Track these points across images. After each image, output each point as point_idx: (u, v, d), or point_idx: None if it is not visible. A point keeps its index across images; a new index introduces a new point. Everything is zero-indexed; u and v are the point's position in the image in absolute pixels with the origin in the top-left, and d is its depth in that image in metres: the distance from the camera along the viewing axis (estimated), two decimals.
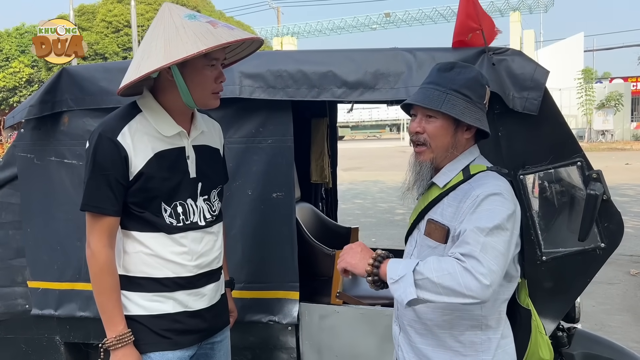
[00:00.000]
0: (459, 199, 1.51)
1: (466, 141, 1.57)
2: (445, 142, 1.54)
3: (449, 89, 1.51)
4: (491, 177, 1.52)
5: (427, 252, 1.57)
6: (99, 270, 1.60)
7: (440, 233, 1.53)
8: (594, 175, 2.00)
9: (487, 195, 1.44)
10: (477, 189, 1.48)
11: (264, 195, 2.26)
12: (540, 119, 2.01)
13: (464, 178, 1.54)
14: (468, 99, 1.51)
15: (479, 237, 1.36)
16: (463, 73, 1.55)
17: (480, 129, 1.55)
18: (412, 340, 1.61)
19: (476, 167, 1.56)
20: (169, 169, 1.64)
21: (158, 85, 1.64)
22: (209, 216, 1.73)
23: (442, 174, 1.59)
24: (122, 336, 1.60)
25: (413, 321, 1.60)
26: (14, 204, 2.51)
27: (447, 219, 1.52)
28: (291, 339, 2.31)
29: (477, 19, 2.02)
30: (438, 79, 1.55)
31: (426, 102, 1.53)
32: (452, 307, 1.52)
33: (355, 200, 10.74)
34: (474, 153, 1.60)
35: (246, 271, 2.28)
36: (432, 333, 1.56)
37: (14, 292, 2.54)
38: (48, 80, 2.39)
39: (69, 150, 2.40)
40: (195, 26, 1.50)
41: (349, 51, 2.23)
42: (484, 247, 1.35)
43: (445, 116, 1.51)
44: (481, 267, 1.32)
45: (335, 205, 3.69)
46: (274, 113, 2.23)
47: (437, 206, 1.57)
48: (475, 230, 1.37)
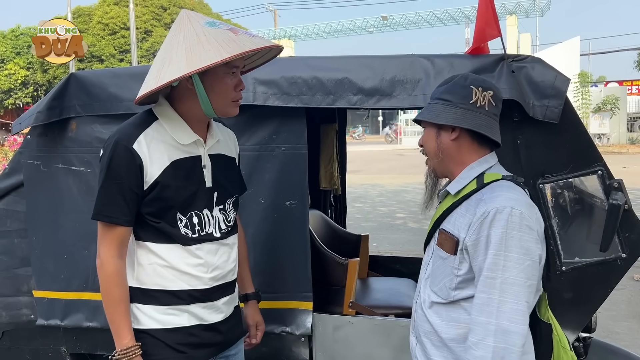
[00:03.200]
0: (470, 209, 1.50)
1: (456, 143, 1.55)
2: (432, 147, 1.59)
3: (433, 98, 1.60)
4: (504, 188, 1.49)
5: (439, 263, 1.56)
6: (107, 281, 1.56)
7: (450, 244, 1.51)
8: (615, 185, 1.97)
9: (495, 215, 1.42)
10: (487, 203, 1.45)
11: (277, 204, 2.22)
12: (560, 127, 1.97)
13: (477, 187, 1.52)
14: (447, 102, 1.55)
15: (494, 288, 1.39)
16: (450, 82, 1.59)
17: (490, 136, 1.54)
18: (428, 352, 1.58)
19: (491, 176, 1.53)
20: (185, 178, 1.60)
21: (176, 93, 1.60)
22: (224, 227, 1.69)
23: (455, 181, 1.58)
24: (127, 350, 1.56)
25: (429, 333, 1.58)
26: (19, 212, 2.46)
27: (458, 229, 1.50)
28: (304, 350, 2.26)
29: (497, 26, 1.99)
30: (432, 93, 1.64)
31: (415, 117, 1.65)
32: (466, 321, 1.49)
33: (355, 204, 10.71)
34: (490, 161, 1.57)
35: (258, 281, 2.23)
36: (447, 346, 1.53)
37: (19, 302, 2.49)
38: (56, 86, 2.35)
39: (77, 157, 2.35)
40: (216, 33, 1.47)
41: (365, 57, 2.19)
42: (502, 294, 1.38)
43: (428, 123, 1.59)
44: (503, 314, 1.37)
45: (344, 212, 3.65)
46: (288, 120, 2.19)
47: (451, 215, 1.56)
48: (487, 280, 1.41)
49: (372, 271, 3.29)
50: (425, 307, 1.59)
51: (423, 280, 1.65)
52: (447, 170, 1.61)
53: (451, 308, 1.53)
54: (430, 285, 1.60)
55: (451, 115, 1.52)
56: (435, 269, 1.58)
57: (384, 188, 13.36)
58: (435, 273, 1.58)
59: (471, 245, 1.45)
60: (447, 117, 1.53)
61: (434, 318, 1.56)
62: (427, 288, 1.61)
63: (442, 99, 1.56)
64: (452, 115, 1.52)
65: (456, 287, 1.51)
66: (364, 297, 2.79)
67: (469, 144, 1.56)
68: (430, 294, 1.58)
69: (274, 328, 2.24)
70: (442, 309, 1.55)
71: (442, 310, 1.55)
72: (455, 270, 1.50)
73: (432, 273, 1.60)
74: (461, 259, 1.49)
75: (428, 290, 1.60)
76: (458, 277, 1.50)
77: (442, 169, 1.61)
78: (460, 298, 1.51)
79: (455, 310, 1.52)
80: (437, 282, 1.57)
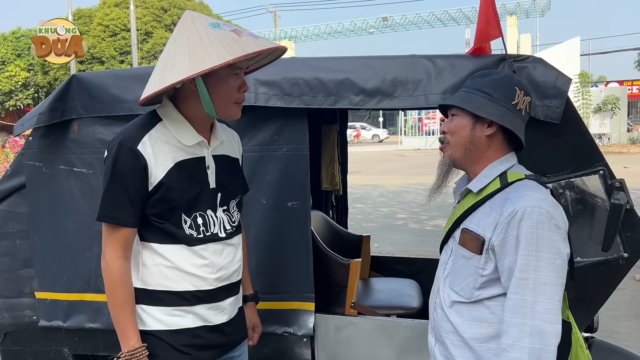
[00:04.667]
0: (495, 209, 1.48)
1: (488, 140, 1.54)
2: (463, 136, 1.55)
3: (473, 89, 1.57)
4: (530, 187, 1.48)
5: (461, 263, 1.54)
6: (112, 282, 1.56)
7: (475, 243, 1.49)
8: (617, 184, 1.98)
9: (523, 215, 1.41)
10: (514, 202, 1.44)
11: (279, 204, 2.22)
12: (562, 127, 1.98)
13: (501, 186, 1.51)
14: (489, 96, 1.53)
15: (527, 288, 1.38)
16: (491, 75, 1.58)
17: (514, 136, 1.53)
18: (449, 352, 1.57)
19: (514, 175, 1.53)
20: (189, 179, 1.60)
21: (180, 94, 1.61)
22: (229, 227, 1.69)
23: (477, 179, 1.56)
24: (134, 351, 1.55)
25: (450, 332, 1.56)
26: (21, 214, 2.46)
27: (483, 228, 1.49)
28: (306, 351, 2.26)
29: (498, 26, 1.99)
30: (469, 83, 1.61)
31: (447, 101, 1.61)
32: (490, 320, 1.48)
33: (356, 204, 10.71)
34: (511, 160, 1.58)
35: (261, 281, 2.23)
36: (468, 346, 1.52)
37: (21, 303, 2.49)
38: (57, 88, 2.35)
39: (79, 159, 2.35)
40: (219, 35, 1.47)
41: (366, 58, 2.20)
42: (535, 294, 1.37)
43: (465, 112, 1.55)
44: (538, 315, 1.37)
45: (345, 212, 3.65)
46: (290, 121, 2.20)
47: (473, 215, 1.54)
48: (519, 281, 1.39)
49: (374, 272, 3.29)
50: (446, 307, 1.58)
51: (442, 279, 1.63)
52: (469, 163, 1.58)
53: (474, 307, 1.51)
54: (450, 285, 1.58)
55: (494, 111, 1.51)
56: (456, 269, 1.56)
57: (385, 189, 13.35)
58: (457, 272, 1.56)
59: (498, 244, 1.44)
60: (489, 112, 1.51)
61: (455, 317, 1.54)
62: (447, 287, 1.59)
63: (483, 91, 1.54)
64: (495, 111, 1.51)
65: (480, 286, 1.49)
66: (365, 297, 2.79)
67: (499, 143, 1.56)
68: (451, 294, 1.57)
69: (276, 329, 2.24)
70: (464, 308, 1.53)
71: (464, 310, 1.53)
72: (480, 270, 1.49)
73: (453, 272, 1.58)
74: (487, 258, 1.47)
75: (448, 289, 1.59)
76: (483, 277, 1.49)
77: (465, 160, 1.58)
78: (484, 297, 1.49)
79: (478, 310, 1.51)
80: (458, 282, 1.55)
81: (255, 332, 1.96)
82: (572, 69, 26.79)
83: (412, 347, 2.16)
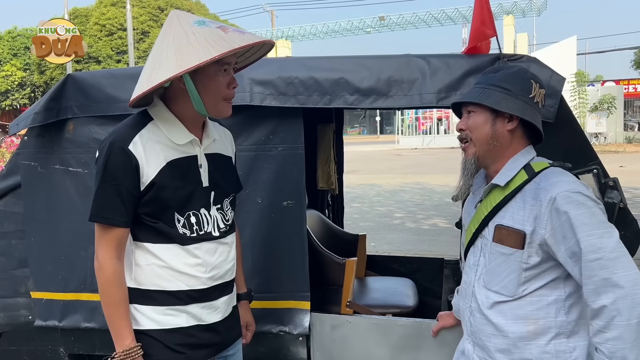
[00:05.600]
0: (529, 200, 1.47)
1: (510, 134, 1.54)
2: (484, 132, 1.54)
3: (488, 84, 1.56)
4: (558, 173, 1.49)
5: (500, 260, 1.52)
6: (105, 282, 1.56)
7: (515, 238, 1.48)
8: (611, 183, 1.98)
9: (565, 200, 1.40)
10: (549, 190, 1.44)
11: (274, 204, 2.22)
12: (556, 126, 1.98)
13: (529, 177, 1.50)
14: (506, 90, 1.53)
15: (603, 268, 1.35)
16: (505, 70, 1.58)
17: (531, 129, 1.54)
18: (492, 356, 1.55)
19: (538, 165, 1.53)
20: (182, 178, 1.60)
21: (169, 93, 1.61)
22: (222, 226, 1.69)
23: (502, 173, 1.55)
24: (129, 351, 1.55)
25: (493, 336, 1.54)
26: (17, 213, 2.46)
27: (520, 222, 1.48)
28: (302, 350, 2.27)
29: (492, 26, 2.00)
30: (481, 79, 1.60)
31: (463, 98, 1.60)
32: (535, 316, 1.48)
33: (353, 204, 10.71)
34: (531, 152, 1.58)
35: (256, 281, 2.24)
36: (515, 346, 1.51)
37: (16, 303, 2.49)
38: (53, 87, 2.34)
39: (74, 158, 2.35)
40: (205, 32, 1.47)
41: (361, 57, 2.20)
42: (613, 270, 1.34)
43: (484, 108, 1.54)
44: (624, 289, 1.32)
45: (341, 211, 3.66)
46: (285, 120, 2.20)
47: (505, 210, 1.52)
48: (591, 263, 1.36)
49: (370, 271, 3.30)
50: (485, 309, 1.55)
51: (475, 282, 1.60)
52: (492, 158, 1.57)
53: (517, 305, 1.50)
54: (487, 285, 1.55)
55: (513, 105, 1.51)
56: (493, 267, 1.54)
57: (382, 188, 13.37)
58: (495, 271, 1.53)
59: (550, 235, 1.42)
60: (509, 106, 1.51)
61: (498, 319, 1.52)
62: (483, 289, 1.56)
63: (500, 86, 1.53)
64: (514, 105, 1.51)
65: (525, 281, 1.48)
66: (361, 296, 2.80)
67: (520, 136, 1.57)
68: (490, 294, 1.54)
69: (272, 328, 2.24)
70: (506, 307, 1.51)
71: (506, 309, 1.51)
72: (523, 265, 1.47)
73: (489, 272, 1.55)
74: (530, 252, 1.46)
75: (485, 291, 1.56)
76: (527, 272, 1.48)
77: (489, 157, 1.57)
78: (529, 292, 1.49)
79: (522, 307, 1.50)
80: (498, 281, 1.53)
81: (249, 330, 1.96)
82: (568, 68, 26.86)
83: (408, 346, 2.16)
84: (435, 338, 2.09)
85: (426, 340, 2.12)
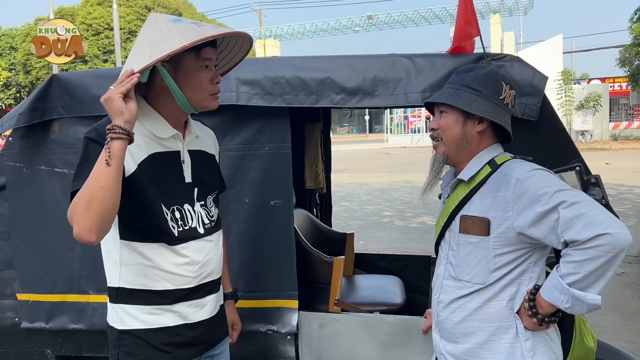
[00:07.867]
0: (493, 189, 1.52)
1: (480, 135, 1.58)
2: (455, 133, 1.58)
3: (460, 85, 1.59)
4: (520, 162, 1.54)
5: (468, 250, 1.55)
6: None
7: (480, 226, 1.52)
8: (593, 180, 2.02)
9: (528, 173, 1.46)
10: (511, 174, 1.49)
11: (262, 203, 2.23)
12: (539, 124, 2.01)
13: (492, 169, 1.54)
14: (478, 92, 1.56)
15: (577, 207, 1.35)
16: (476, 70, 1.61)
17: (501, 128, 1.57)
18: (456, 346, 1.61)
19: (501, 158, 1.57)
20: (164, 171, 1.59)
21: (151, 92, 1.61)
22: (207, 222, 1.69)
23: (467, 168, 1.60)
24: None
25: (457, 324, 1.60)
26: (2, 215, 2.44)
27: (483, 211, 1.52)
28: (290, 348, 2.28)
29: (476, 25, 2.02)
30: (454, 79, 1.63)
31: (435, 98, 1.63)
32: (500, 299, 1.53)
33: (342, 203, 10.74)
34: (498, 149, 1.62)
35: (244, 280, 2.24)
36: (476, 333, 1.56)
37: (2, 305, 2.47)
38: (38, 88, 2.33)
39: (60, 159, 2.34)
40: (179, 27, 1.48)
41: (347, 57, 2.21)
42: (578, 207, 1.34)
43: (455, 109, 1.58)
44: (600, 226, 1.31)
45: (329, 210, 3.67)
46: (271, 120, 2.20)
47: (470, 202, 1.56)
48: (563, 211, 1.35)
49: (358, 269, 3.32)
50: (451, 300, 1.60)
51: (443, 274, 1.64)
52: (461, 157, 1.61)
53: (487, 291, 1.53)
54: (458, 276, 1.59)
55: (484, 107, 1.55)
56: (463, 257, 1.57)
57: (371, 187, 13.40)
58: (465, 261, 1.57)
59: (520, 211, 1.44)
60: (480, 108, 1.55)
61: (463, 311, 1.57)
62: (452, 280, 1.61)
63: (471, 87, 1.56)
64: (485, 108, 1.55)
65: (495, 267, 1.51)
66: (349, 294, 2.81)
67: (489, 137, 1.61)
68: (458, 285, 1.58)
69: (260, 327, 2.25)
70: (475, 296, 1.55)
71: (474, 298, 1.55)
72: (492, 251, 1.51)
73: (459, 263, 1.58)
74: (497, 238, 1.49)
75: (453, 282, 1.60)
76: (497, 258, 1.51)
77: (457, 156, 1.61)
78: (499, 277, 1.52)
79: (491, 292, 1.53)
80: (468, 270, 1.56)
81: (235, 330, 1.96)
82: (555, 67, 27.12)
83: (396, 343, 2.18)
84: (422, 335, 2.11)
85: (413, 337, 2.15)
